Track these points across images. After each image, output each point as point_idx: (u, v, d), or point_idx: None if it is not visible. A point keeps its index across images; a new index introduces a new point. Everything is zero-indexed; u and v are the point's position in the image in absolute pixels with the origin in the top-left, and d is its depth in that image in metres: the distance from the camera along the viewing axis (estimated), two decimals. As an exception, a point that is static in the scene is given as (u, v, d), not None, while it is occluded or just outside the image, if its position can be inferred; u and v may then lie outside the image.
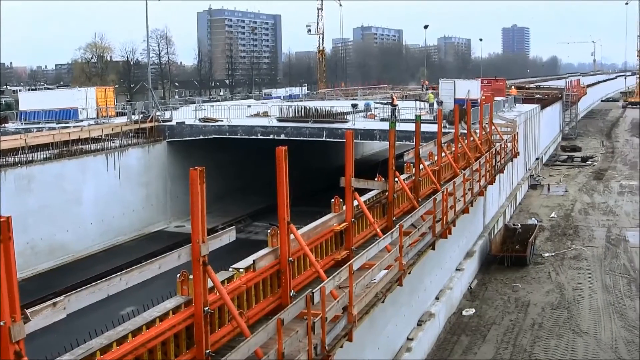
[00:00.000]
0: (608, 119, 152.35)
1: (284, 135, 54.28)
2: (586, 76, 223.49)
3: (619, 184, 70.80)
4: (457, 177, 31.80)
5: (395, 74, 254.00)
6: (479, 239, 42.55)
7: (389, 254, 20.20)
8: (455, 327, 32.64)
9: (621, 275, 40.25)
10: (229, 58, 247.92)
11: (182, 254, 13.18)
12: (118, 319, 14.87)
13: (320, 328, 14.79)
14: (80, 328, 16.08)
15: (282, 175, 16.19)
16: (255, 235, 48.80)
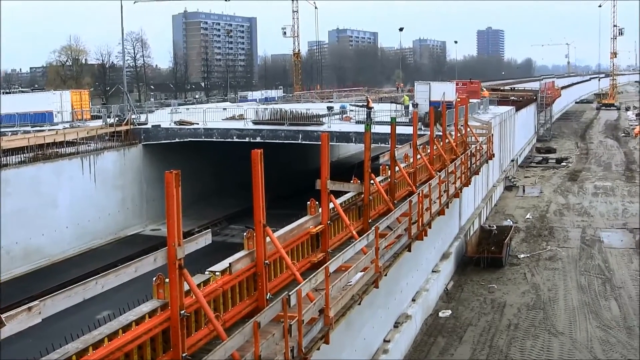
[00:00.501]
0: (582, 120, 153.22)
1: (260, 138, 54.30)
2: (560, 78, 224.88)
3: (593, 185, 71.24)
4: (433, 179, 31.88)
5: (371, 76, 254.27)
6: (454, 241, 42.67)
7: (365, 256, 20.24)
8: (431, 328, 32.73)
9: (596, 276, 40.50)
10: (204, 61, 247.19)
11: (158, 257, 13.15)
12: (94, 323, 14.82)
13: (296, 331, 14.81)
14: (56, 332, 16.02)
15: (257, 178, 16.19)
16: (232, 238, 48.71)
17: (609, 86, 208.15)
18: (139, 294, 16.20)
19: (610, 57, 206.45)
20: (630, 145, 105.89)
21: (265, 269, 16.70)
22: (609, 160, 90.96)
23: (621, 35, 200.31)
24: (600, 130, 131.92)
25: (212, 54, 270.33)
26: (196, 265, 15.47)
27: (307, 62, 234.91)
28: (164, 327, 13.37)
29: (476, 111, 65.83)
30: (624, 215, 56.65)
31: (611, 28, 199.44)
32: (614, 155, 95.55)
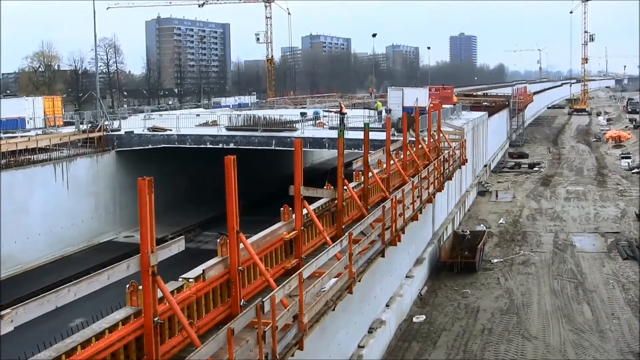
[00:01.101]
0: (554, 125, 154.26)
1: (233, 144, 54.23)
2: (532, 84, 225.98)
3: (565, 189, 71.73)
4: (406, 184, 31.95)
5: (344, 82, 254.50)
6: (428, 246, 42.76)
7: (339, 262, 20.27)
8: (406, 333, 32.78)
9: (568, 280, 40.76)
10: (177, 67, 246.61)
11: (131, 265, 13.12)
12: (67, 331, 14.75)
13: (270, 337, 14.82)
14: (29, 341, 15.94)
15: (230, 185, 16.18)
16: (205, 245, 48.63)
17: (581, 92, 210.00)
18: (112, 301, 16.14)
19: (581, 62, 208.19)
20: (602, 150, 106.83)
21: (238, 275, 16.69)
22: (581, 165, 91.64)
23: (592, 42, 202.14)
24: (572, 135, 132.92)
25: (185, 60, 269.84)
26: (170, 272, 15.44)
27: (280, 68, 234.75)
28: (137, 334, 13.32)
29: (449, 117, 66.08)
30: (596, 220, 57.07)
31: (582, 34, 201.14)
32: (585, 160, 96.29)
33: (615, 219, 57.00)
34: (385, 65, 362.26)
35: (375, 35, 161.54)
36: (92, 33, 68.03)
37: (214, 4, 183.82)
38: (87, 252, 48.79)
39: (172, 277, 15.92)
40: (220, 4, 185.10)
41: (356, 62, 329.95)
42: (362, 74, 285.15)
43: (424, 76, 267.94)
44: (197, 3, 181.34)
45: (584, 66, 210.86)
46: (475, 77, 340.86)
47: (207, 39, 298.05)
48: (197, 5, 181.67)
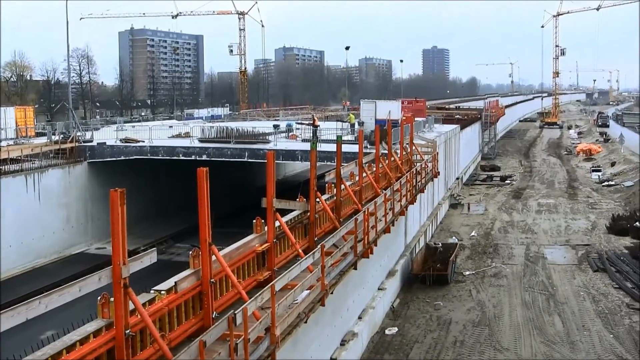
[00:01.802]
0: (526, 138, 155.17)
1: (206, 156, 54.17)
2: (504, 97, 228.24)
3: (536, 202, 72.13)
4: (378, 197, 32.04)
5: (317, 94, 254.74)
6: (400, 258, 42.83)
7: (311, 274, 20.28)
8: (378, 346, 32.81)
9: (540, 292, 40.97)
10: (150, 78, 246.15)
11: (103, 277, 13.10)
12: (38, 344, 14.68)
13: (243, 349, 14.82)
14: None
15: (203, 196, 16.18)
16: (178, 257, 48.49)
17: (552, 105, 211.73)
18: (84, 313, 16.08)
19: (552, 76, 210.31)
20: (573, 163, 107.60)
21: (211, 287, 16.67)
22: (552, 178, 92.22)
23: (563, 55, 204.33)
24: (543, 148, 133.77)
25: (158, 71, 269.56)
26: (141, 284, 15.41)
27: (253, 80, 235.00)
28: (109, 346, 13.28)
29: (421, 129, 66.32)
30: (567, 232, 57.42)
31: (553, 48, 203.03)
32: (556, 173, 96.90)
33: (586, 232, 57.38)
34: (358, 78, 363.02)
35: (348, 48, 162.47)
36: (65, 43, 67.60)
37: (187, 16, 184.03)
38: (59, 264, 48.52)
39: (144, 289, 15.89)
40: (194, 16, 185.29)
41: (329, 74, 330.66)
42: (335, 87, 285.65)
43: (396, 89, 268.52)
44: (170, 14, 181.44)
45: (555, 80, 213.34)
46: (448, 90, 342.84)
47: (181, 50, 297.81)
48: (171, 16, 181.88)
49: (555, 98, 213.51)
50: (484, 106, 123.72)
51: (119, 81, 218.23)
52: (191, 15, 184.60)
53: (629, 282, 42.03)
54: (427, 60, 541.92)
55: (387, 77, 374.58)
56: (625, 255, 48.31)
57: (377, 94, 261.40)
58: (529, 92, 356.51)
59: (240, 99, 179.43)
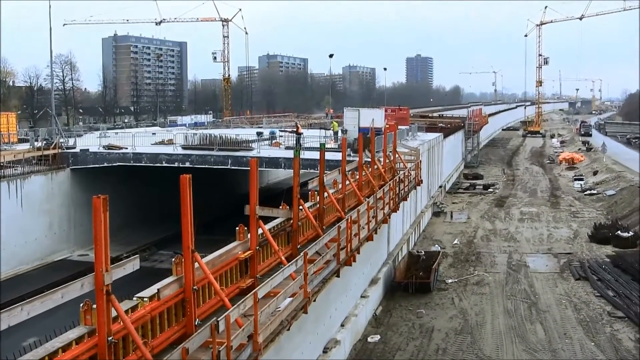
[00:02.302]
0: (509, 147, 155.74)
1: (189, 163, 54.16)
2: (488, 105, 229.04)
3: (519, 210, 72.38)
4: (361, 204, 32.09)
5: (301, 102, 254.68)
6: (383, 266, 42.88)
7: (294, 282, 20.30)
8: (360, 353, 32.84)
9: (522, 300, 41.11)
10: (134, 85, 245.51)
11: (85, 283, 13.07)
12: (20, 350, 14.64)
13: (225, 357, 14.82)
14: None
15: (186, 204, 16.17)
16: (160, 264, 48.46)
17: (535, 114, 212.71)
18: (66, 320, 16.05)
19: (535, 85, 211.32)
20: (555, 172, 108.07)
21: (193, 294, 16.65)
22: (535, 186, 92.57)
23: (546, 65, 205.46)
24: (526, 157, 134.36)
25: (141, 77, 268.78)
26: (124, 291, 15.39)
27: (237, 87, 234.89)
28: (91, 353, 13.24)
29: (405, 137, 66.49)
30: (549, 241, 57.65)
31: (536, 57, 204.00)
32: (539, 182, 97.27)
33: (568, 240, 57.63)
34: (342, 86, 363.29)
35: (332, 56, 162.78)
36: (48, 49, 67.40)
37: (171, 22, 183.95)
38: (41, 271, 48.37)
39: (127, 296, 15.86)
40: (178, 23, 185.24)
41: (313, 82, 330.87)
42: (319, 94, 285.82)
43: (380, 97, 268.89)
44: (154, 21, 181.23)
45: (538, 89, 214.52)
46: (431, 99, 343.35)
47: (164, 57, 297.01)
48: (154, 23, 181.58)
49: (538, 107, 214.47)
50: (467, 115, 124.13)
51: (102, 87, 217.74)
52: (175, 22, 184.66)
53: (611, 290, 42.23)
54: (410, 69, 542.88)
55: (371, 85, 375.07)
56: (607, 263, 48.55)
57: (360, 101, 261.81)
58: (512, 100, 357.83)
59: (224, 106, 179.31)
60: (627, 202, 71.54)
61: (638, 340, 34.12)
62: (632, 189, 76.24)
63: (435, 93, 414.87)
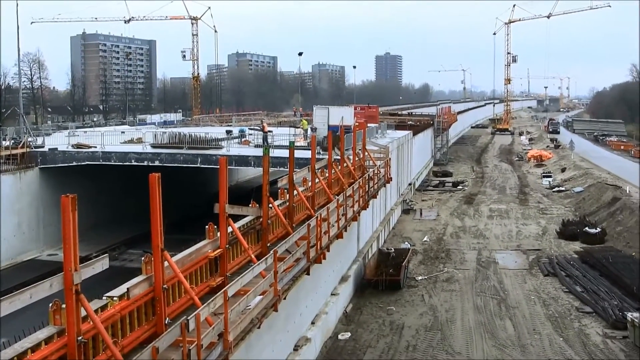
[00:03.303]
0: (478, 145, 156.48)
1: (159, 161, 53.96)
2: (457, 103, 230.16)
3: (488, 208, 72.75)
4: (331, 202, 32.15)
5: (270, 100, 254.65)
6: (353, 264, 42.95)
7: (264, 280, 20.34)
8: (331, 351, 32.88)
9: (491, 297, 41.35)
10: (102, 83, 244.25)
11: (54, 283, 13.01)
12: (-12, 351, 14.56)
13: (196, 355, 14.82)
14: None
15: (155, 202, 16.13)
16: (130, 263, 48.23)
17: (504, 112, 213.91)
18: (35, 320, 15.98)
19: (504, 83, 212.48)
20: (524, 169, 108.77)
21: (163, 293, 16.62)
22: (504, 183, 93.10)
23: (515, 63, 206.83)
24: (495, 154, 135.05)
25: (110, 76, 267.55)
26: (94, 291, 15.35)
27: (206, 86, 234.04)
28: (60, 354, 13.19)
29: (374, 135, 66.66)
30: (518, 237, 58.02)
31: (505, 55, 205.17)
32: (508, 179, 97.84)
33: (537, 237, 58.04)
34: (311, 84, 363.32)
35: (301, 54, 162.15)
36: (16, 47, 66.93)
37: (140, 21, 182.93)
38: (10, 271, 47.96)
39: (97, 295, 15.81)
40: (147, 21, 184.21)
41: (282, 80, 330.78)
42: (289, 92, 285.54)
43: (349, 95, 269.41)
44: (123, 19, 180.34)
45: (507, 87, 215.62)
46: (401, 97, 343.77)
47: (133, 55, 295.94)
48: (123, 21, 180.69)
49: (507, 105, 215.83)
50: (436, 112, 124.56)
51: (70, 86, 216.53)
52: (144, 20, 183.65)
53: (579, 286, 42.57)
54: (380, 67, 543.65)
55: (340, 83, 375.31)
56: (575, 259, 48.96)
57: (330, 100, 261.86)
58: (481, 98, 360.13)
59: (193, 104, 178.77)
60: (594, 199, 72.12)
61: (605, 335, 34.46)
62: (600, 186, 76.89)
63: (405, 91, 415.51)
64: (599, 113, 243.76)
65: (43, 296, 12.93)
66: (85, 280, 13.27)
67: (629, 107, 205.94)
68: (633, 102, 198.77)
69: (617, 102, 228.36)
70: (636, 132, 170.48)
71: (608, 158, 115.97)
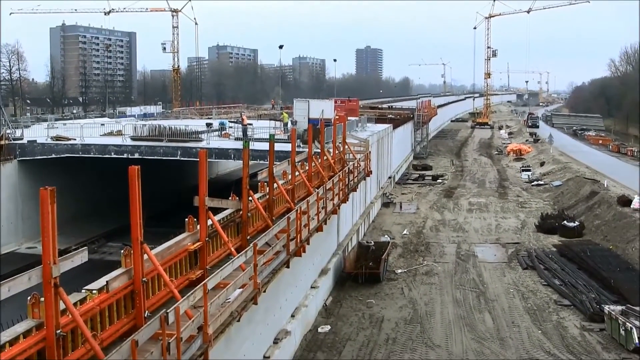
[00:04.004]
0: (457, 138, 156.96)
1: (138, 154, 53.80)
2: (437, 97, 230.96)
3: (468, 201, 72.99)
4: (311, 195, 32.17)
5: (251, 93, 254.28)
6: (333, 257, 42.98)
7: (244, 273, 20.31)
8: (311, 344, 32.91)
9: (471, 290, 41.52)
10: (82, 75, 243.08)
11: (33, 276, 12.95)
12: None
13: (175, 348, 14.81)
14: None
15: (135, 195, 16.07)
16: (110, 256, 48.02)
17: (483, 105, 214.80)
18: (13, 314, 15.91)
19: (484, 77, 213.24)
20: (503, 163, 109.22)
21: (143, 286, 16.58)
22: (483, 177, 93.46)
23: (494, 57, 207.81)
24: (474, 148, 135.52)
25: (90, 68, 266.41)
26: (73, 284, 15.28)
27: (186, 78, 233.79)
28: (39, 347, 13.14)
29: (354, 129, 66.67)
30: (497, 231, 58.27)
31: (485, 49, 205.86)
32: (487, 173, 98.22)
33: (516, 230, 58.32)
34: (292, 77, 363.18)
35: (282, 47, 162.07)
36: (-6, 40, 66.50)
37: (120, 13, 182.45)
38: (-12, 264, 47.76)
39: (75, 288, 15.75)
40: (127, 13, 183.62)
41: (263, 73, 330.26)
42: (269, 86, 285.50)
43: (330, 88, 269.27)
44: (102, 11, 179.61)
45: (487, 81, 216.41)
46: (381, 90, 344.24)
47: (113, 47, 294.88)
48: (103, 13, 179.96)
49: (487, 99, 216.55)
50: (416, 106, 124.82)
51: (50, 78, 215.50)
52: (124, 12, 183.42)
53: (557, 279, 42.81)
54: (360, 60, 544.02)
55: (321, 76, 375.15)
56: (554, 253, 49.21)
57: (310, 93, 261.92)
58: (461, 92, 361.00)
59: (173, 97, 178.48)
60: (573, 193, 72.50)
61: (583, 328, 34.68)
62: (578, 180, 77.31)
63: (385, 84, 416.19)
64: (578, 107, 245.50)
65: (21, 289, 12.87)
66: (64, 274, 13.21)
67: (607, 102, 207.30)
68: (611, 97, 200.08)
69: (596, 96, 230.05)
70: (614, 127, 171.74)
71: (586, 152, 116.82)
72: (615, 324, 32.76)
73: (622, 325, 32.11)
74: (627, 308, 33.79)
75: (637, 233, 50.45)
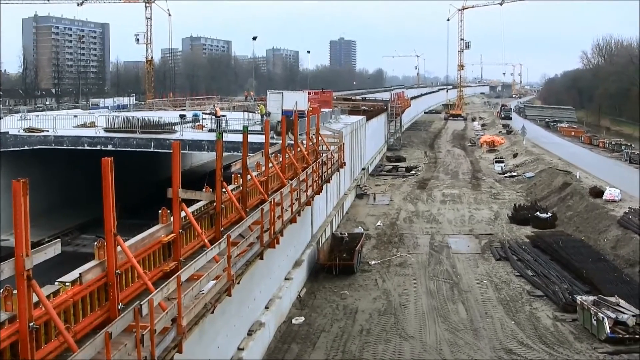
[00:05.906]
0: (431, 130, 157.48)
1: (112, 146, 53.61)
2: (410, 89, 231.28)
3: (441, 192, 73.25)
4: (285, 187, 32.19)
5: (224, 84, 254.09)
6: (307, 248, 43.07)
7: (218, 265, 20.33)
8: (285, 335, 32.97)
9: (444, 281, 41.72)
10: (55, 67, 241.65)
11: (5, 269, 12.88)
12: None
13: (149, 340, 14.80)
14: None
15: (108, 187, 16.01)
16: (83, 248, 47.81)
17: (456, 97, 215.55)
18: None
19: (457, 69, 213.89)
20: (476, 155, 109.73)
21: (116, 278, 16.53)
22: (456, 168, 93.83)
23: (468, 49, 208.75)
24: (448, 139, 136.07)
25: (63, 59, 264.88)
26: (46, 276, 15.24)
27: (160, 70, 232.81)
28: (12, 340, 13.08)
29: (328, 120, 66.70)
30: (471, 222, 58.55)
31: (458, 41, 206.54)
32: (461, 164, 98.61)
33: (489, 221, 58.63)
34: (265, 69, 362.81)
35: (255, 38, 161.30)
36: (-35, 31, 65.96)
37: (93, 3, 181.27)
38: (-41, 256, 47.36)
39: (49, 281, 15.70)
40: (100, 4, 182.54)
41: (236, 65, 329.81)
42: (243, 77, 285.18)
43: (303, 80, 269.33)
44: (76, 2, 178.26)
45: (460, 73, 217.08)
46: (355, 82, 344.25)
47: (86, 38, 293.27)
48: (76, 4, 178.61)
49: (460, 90, 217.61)
50: (390, 98, 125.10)
51: (22, 69, 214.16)
52: (97, 3, 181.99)
53: (530, 270, 43.14)
54: (334, 52, 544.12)
55: (294, 68, 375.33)
56: (526, 244, 49.55)
57: (284, 84, 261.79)
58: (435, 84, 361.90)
59: (147, 88, 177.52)
60: (545, 184, 72.96)
61: (556, 318, 34.96)
62: (551, 172, 77.88)
63: (359, 76, 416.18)
64: (550, 99, 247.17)
65: (-6, 282, 12.83)
66: (37, 266, 13.16)
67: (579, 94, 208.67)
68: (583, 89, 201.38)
69: (568, 88, 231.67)
70: (586, 119, 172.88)
71: (559, 144, 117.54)
72: (588, 314, 33.04)
73: (594, 316, 32.40)
74: (599, 298, 34.13)
75: (608, 224, 50.89)
